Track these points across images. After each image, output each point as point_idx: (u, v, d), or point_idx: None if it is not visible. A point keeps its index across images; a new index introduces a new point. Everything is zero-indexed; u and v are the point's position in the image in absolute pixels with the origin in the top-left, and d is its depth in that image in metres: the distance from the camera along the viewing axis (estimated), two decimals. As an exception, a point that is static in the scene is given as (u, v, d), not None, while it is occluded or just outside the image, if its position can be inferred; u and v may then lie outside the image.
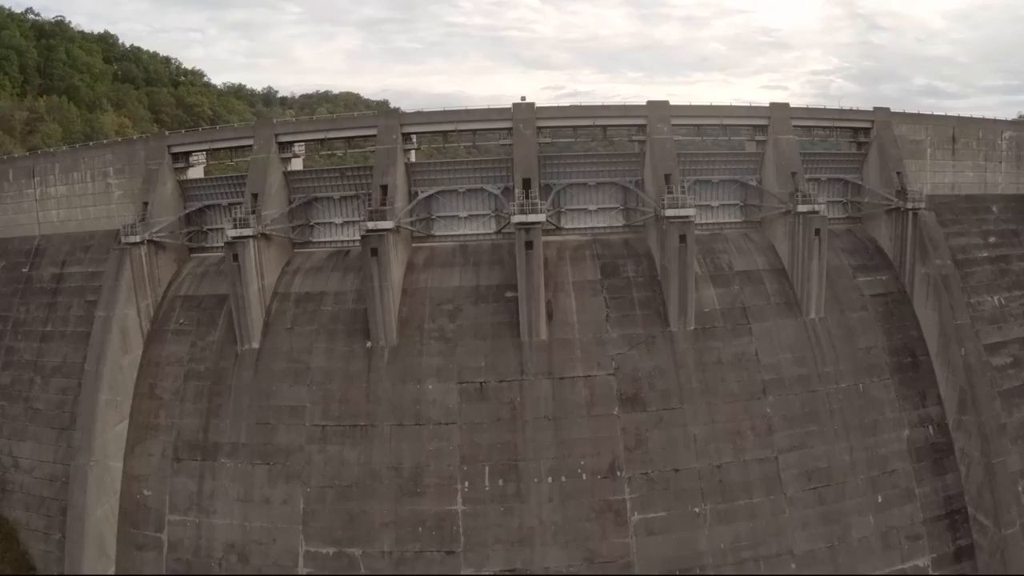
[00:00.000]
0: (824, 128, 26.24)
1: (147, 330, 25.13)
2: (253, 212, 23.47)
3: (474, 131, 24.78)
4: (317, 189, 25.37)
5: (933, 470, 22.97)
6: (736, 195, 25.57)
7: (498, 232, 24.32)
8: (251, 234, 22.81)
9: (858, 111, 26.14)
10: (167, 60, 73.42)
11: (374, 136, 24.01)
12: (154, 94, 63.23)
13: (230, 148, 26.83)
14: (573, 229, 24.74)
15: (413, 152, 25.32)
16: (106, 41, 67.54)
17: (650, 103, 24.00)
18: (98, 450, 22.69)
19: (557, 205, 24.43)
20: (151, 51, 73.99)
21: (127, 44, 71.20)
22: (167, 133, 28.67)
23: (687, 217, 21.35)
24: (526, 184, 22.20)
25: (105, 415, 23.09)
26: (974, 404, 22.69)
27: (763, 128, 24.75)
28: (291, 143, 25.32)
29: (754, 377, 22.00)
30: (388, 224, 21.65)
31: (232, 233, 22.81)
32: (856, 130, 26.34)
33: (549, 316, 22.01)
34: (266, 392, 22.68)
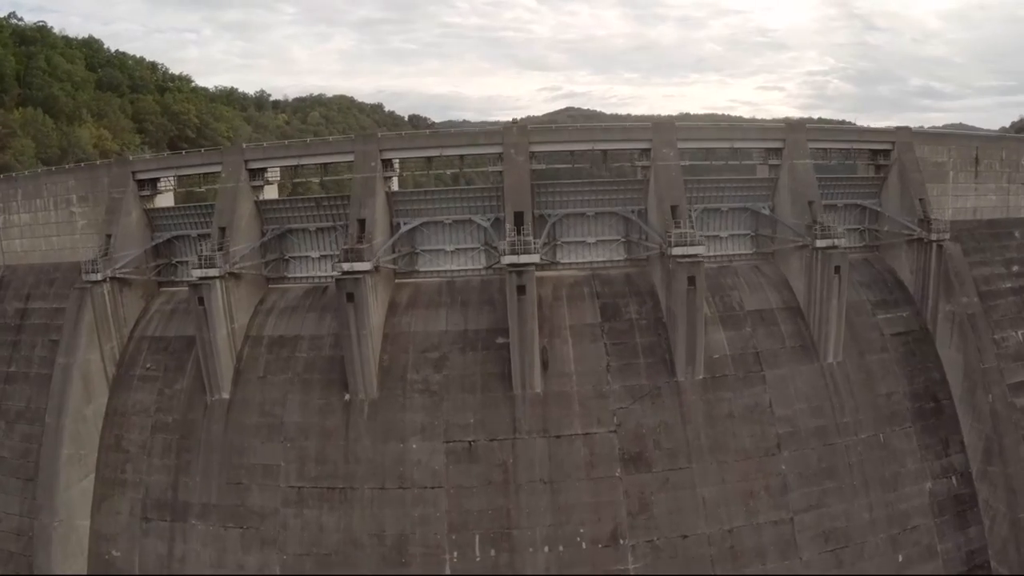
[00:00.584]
0: (841, 150, 23.28)
1: (112, 375, 22.44)
2: (220, 248, 20.63)
3: (461, 156, 21.74)
4: (291, 220, 22.45)
5: (955, 523, 20.63)
6: (747, 224, 22.75)
7: (488, 268, 21.50)
8: (218, 274, 19.99)
9: (878, 130, 23.30)
10: (153, 66, 69.30)
11: (351, 162, 21.02)
12: (139, 101, 59.47)
13: (200, 175, 23.76)
14: (570, 263, 21.96)
15: (395, 179, 22.22)
16: (90, 46, 63.47)
17: (655, 124, 21.19)
18: (62, 508, 20.28)
19: (552, 238, 21.61)
20: (138, 56, 69.94)
21: (113, 49, 67.07)
22: (131, 158, 25.45)
23: (696, 256, 18.55)
24: (518, 219, 19.38)
25: (68, 471, 20.62)
26: (1000, 454, 20.26)
27: (777, 151, 21.86)
28: (263, 170, 22.25)
29: (768, 431, 19.44)
30: (365, 266, 18.81)
31: (197, 273, 20.01)
32: (875, 152, 23.44)
33: (544, 366, 19.31)
34: (238, 448, 20.05)
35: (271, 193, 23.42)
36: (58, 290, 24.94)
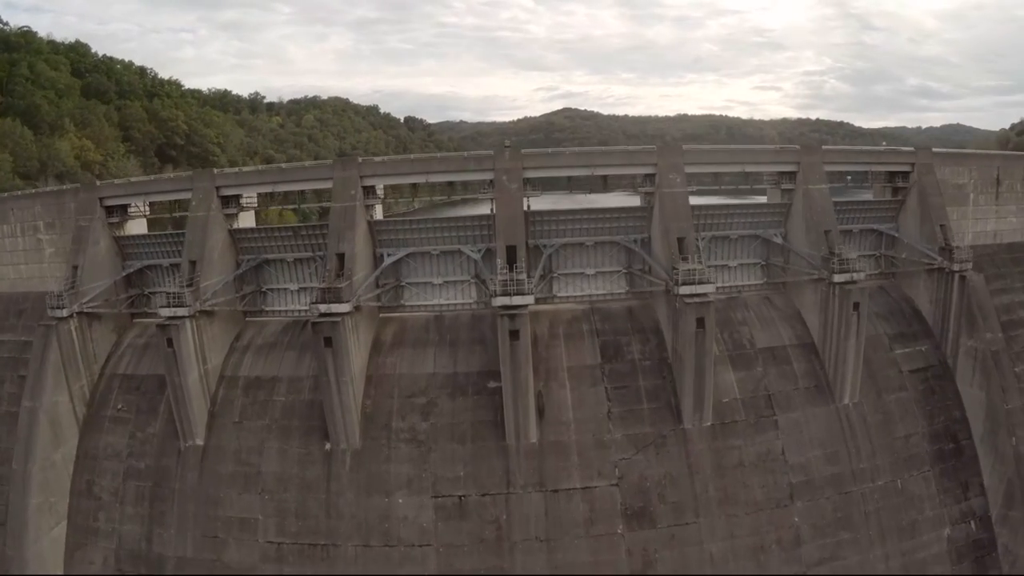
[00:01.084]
0: (859, 173, 21.22)
1: (83, 416, 20.59)
2: (190, 284, 18.62)
3: (450, 183, 19.61)
4: (268, 250, 20.42)
5: (974, 570, 19.00)
6: (757, 253, 20.80)
7: (479, 302, 19.52)
8: (187, 314, 18.01)
9: (897, 152, 21.28)
10: (142, 70, 66.51)
11: (330, 188, 18.89)
12: (126, 108, 56.89)
13: (170, 201, 21.59)
14: (568, 297, 20.01)
15: (378, 206, 20.11)
16: (77, 51, 60.71)
17: (660, 148, 19.11)
18: (34, 560, 18.69)
19: (549, 269, 19.61)
20: (127, 60, 67.04)
21: (100, 53, 64.16)
22: (98, 183, 23.19)
23: (706, 296, 16.60)
24: (510, 254, 17.41)
25: (39, 520, 18.96)
26: (1023, 498, 18.54)
27: (790, 175, 19.82)
28: (237, 196, 20.10)
29: (780, 480, 17.69)
30: (344, 307, 16.85)
31: (165, 313, 18.04)
32: (892, 174, 21.39)
33: (540, 413, 17.46)
34: (213, 499, 18.26)
35: (247, 221, 21.30)
36: (26, 322, 22.91)
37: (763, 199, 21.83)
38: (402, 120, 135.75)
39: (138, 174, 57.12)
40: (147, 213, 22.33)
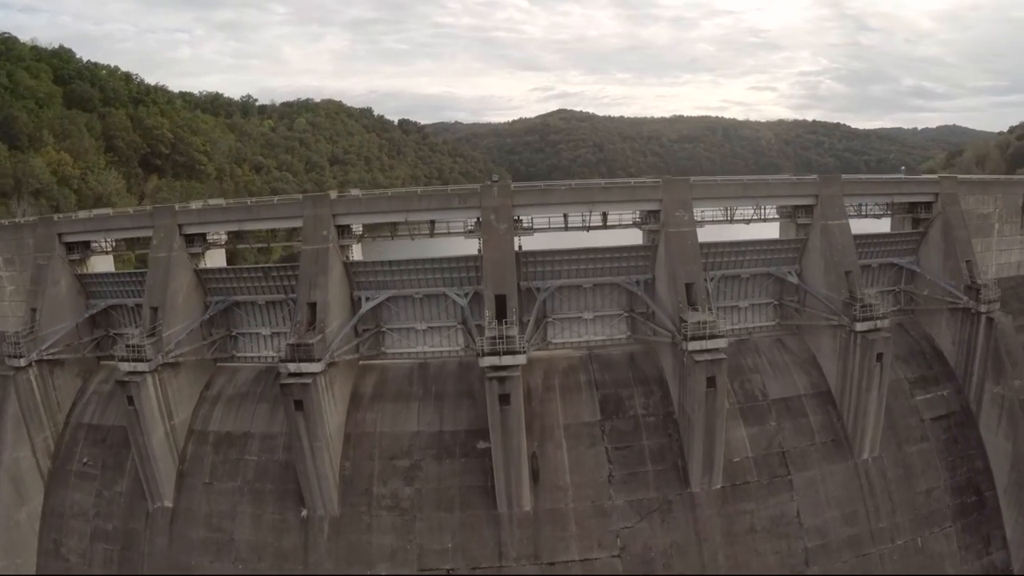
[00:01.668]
0: (880, 205, 19.22)
1: (48, 469, 18.81)
2: (152, 334, 16.56)
3: (431, 222, 17.46)
4: (237, 291, 18.38)
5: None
6: (770, 291, 18.90)
7: (466, 348, 17.57)
8: (148, 369, 16.00)
9: (922, 181, 19.29)
10: (128, 76, 63.32)
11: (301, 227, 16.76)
12: (109, 116, 53.99)
13: (132, 238, 19.44)
14: (564, 343, 18.05)
15: (355, 246, 17.91)
16: (60, 57, 57.57)
17: (666, 182, 17.04)
18: (1, 624, 16.68)
19: (543, 314, 17.63)
20: (113, 66, 63.81)
21: (85, 59, 60.98)
22: (56, 218, 20.96)
23: (718, 351, 14.67)
24: (500, 305, 15.42)
25: (6, 584, 16.97)
26: (1052, 553, 16.94)
27: (807, 208, 17.82)
28: (202, 235, 17.96)
29: (795, 546, 15.97)
30: (316, 367, 14.91)
31: (125, 368, 16.04)
32: (914, 204, 19.41)
33: (534, 477, 15.62)
34: (184, 567, 16.58)
35: (217, 259, 19.18)
36: (-14, 364, 20.88)
37: (774, 225, 19.84)
38: (396, 123, 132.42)
39: (120, 186, 54.75)
40: (111, 249, 20.23)
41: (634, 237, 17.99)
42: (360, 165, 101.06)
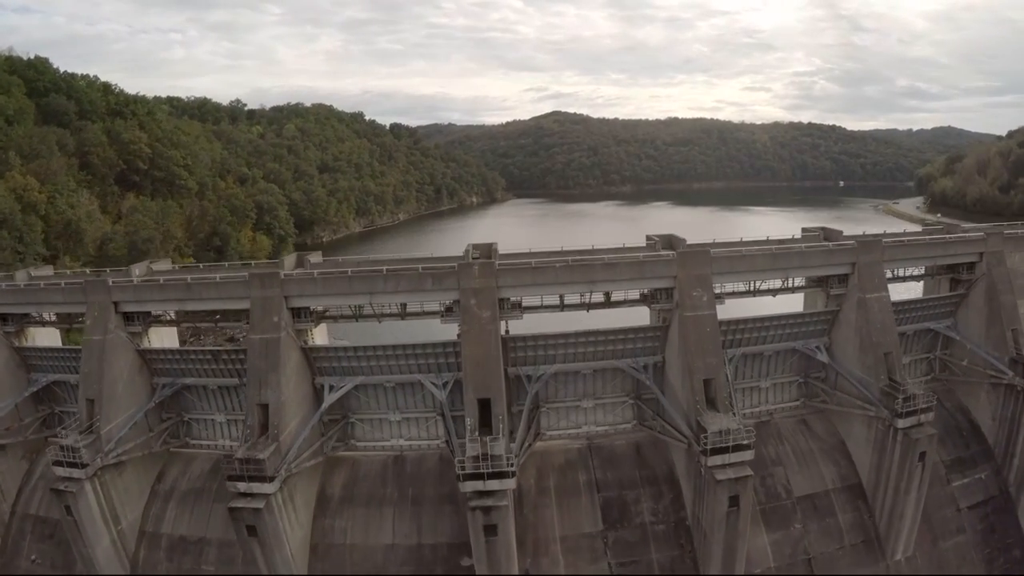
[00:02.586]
0: (920, 268, 16.76)
1: (-7, 566, 15.96)
2: (91, 429, 13.96)
3: (403, 304, 14.58)
4: (186, 373, 15.64)
5: None
6: (795, 368, 16.41)
7: (447, 440, 14.90)
8: (85, 476, 13.40)
9: (967, 239, 16.60)
10: (106, 87, 59.34)
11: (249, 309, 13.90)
12: (85, 131, 50.32)
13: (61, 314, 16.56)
14: (560, 434, 15.49)
15: (314, 329, 14.86)
16: (36, 68, 53.52)
17: (681, 255, 14.13)
18: None
19: (536, 403, 15.05)
20: (92, 75, 59.89)
21: (63, 69, 56.95)
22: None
23: (743, 465, 12.24)
24: (484, 411, 12.77)
25: None
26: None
27: (842, 278, 15.29)
28: (143, 314, 15.15)
29: (827, 673, 13.73)
30: (269, 487, 12.35)
31: (60, 473, 13.51)
32: (953, 265, 16.99)
33: (527, 604, 13.18)
34: None
35: (166, 337, 16.35)
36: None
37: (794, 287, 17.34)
38: (388, 127, 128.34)
39: (95, 206, 51.31)
40: (52, 320, 17.35)
41: (641, 315, 15.37)
42: (350, 172, 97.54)
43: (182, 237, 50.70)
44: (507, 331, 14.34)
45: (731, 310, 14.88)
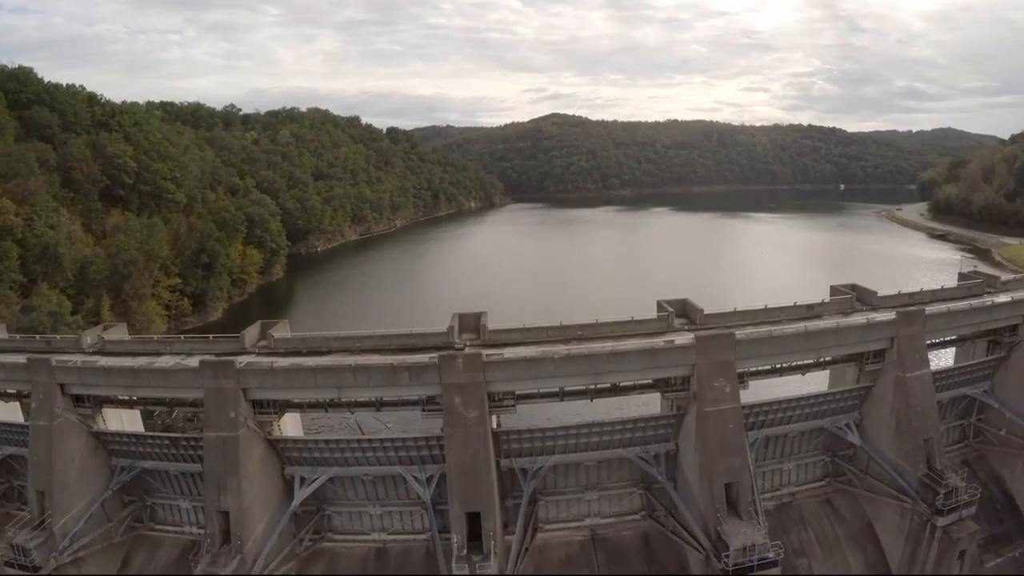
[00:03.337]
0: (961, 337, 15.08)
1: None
2: (42, 525, 12.29)
3: (378, 399, 12.77)
4: (145, 456, 13.99)
5: None
6: (820, 446, 14.80)
7: (431, 531, 13.06)
8: None
9: (1013, 303, 14.88)
10: (91, 98, 56.93)
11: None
12: (67, 145, 48.22)
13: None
14: (560, 526, 13.80)
15: (279, 420, 13.05)
16: (18, 79, 51.21)
17: (700, 340, 12.21)
18: None
19: (535, 495, 13.36)
20: (79, 86, 57.51)
21: (46, 79, 54.62)
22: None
23: (766, 580, 10.68)
24: (472, 526, 11.16)
25: None
26: None
27: (879, 352, 13.53)
28: (93, 396, 13.44)
29: None
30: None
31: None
32: (992, 330, 15.37)
33: None
34: None
35: (127, 417, 14.58)
36: None
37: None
38: (384, 131, 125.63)
39: (77, 226, 49.37)
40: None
41: (651, 396, 13.64)
42: (346, 179, 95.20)
43: (168, 255, 48.79)
44: (498, 424, 12.66)
45: (754, 389, 13.24)
